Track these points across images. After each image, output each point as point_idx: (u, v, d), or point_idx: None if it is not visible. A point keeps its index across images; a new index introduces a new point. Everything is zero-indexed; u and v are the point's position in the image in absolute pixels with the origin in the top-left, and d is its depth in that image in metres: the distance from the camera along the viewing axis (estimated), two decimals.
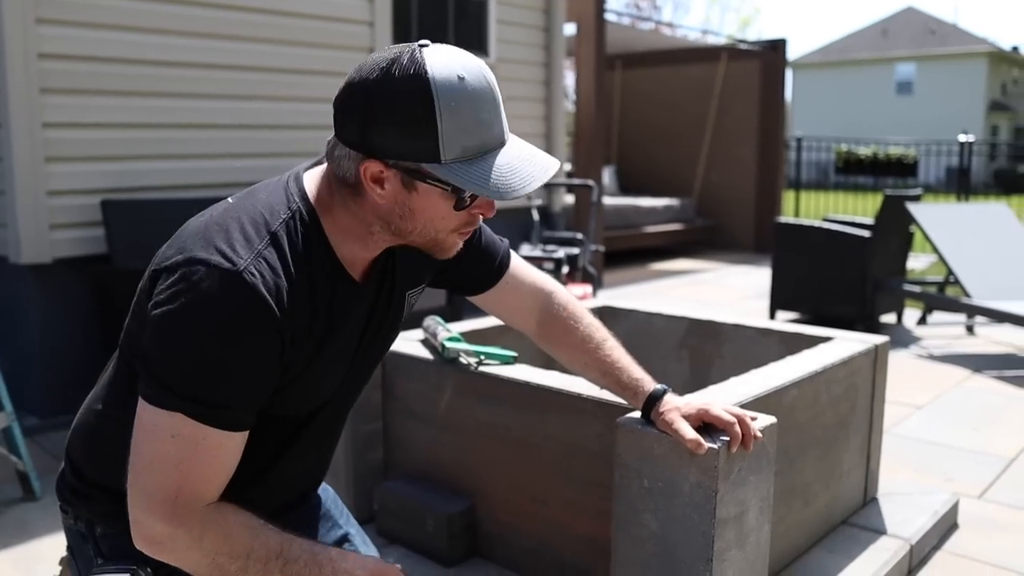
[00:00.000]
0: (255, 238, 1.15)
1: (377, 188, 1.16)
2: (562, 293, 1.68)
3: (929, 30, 38.34)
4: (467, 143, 1.13)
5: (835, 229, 5.93)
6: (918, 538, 2.56)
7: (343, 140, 1.16)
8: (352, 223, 1.22)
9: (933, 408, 4.21)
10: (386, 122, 1.11)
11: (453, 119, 1.11)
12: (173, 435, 1.11)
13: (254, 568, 1.15)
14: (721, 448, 1.64)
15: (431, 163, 1.12)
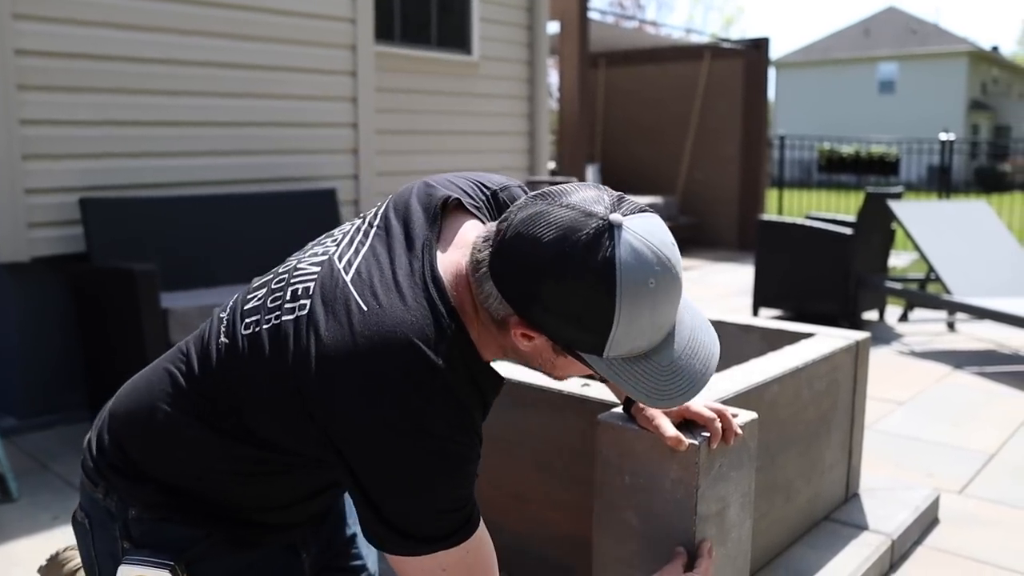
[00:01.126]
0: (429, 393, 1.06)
1: (524, 341, 1.09)
2: None
3: (911, 30, 38.61)
4: (636, 345, 1.04)
5: (818, 227, 5.95)
6: (899, 533, 2.56)
7: (498, 286, 1.06)
8: (488, 342, 1.15)
9: (914, 404, 4.23)
10: (555, 308, 1.02)
11: (629, 328, 1.02)
12: (444, 568, 1.12)
13: None
14: (701, 444, 1.64)
15: (591, 355, 1.05)
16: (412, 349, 1.06)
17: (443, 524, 1.11)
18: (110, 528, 1.27)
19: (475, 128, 6.66)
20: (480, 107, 6.68)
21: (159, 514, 1.23)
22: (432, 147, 6.31)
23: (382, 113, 5.79)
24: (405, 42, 6.10)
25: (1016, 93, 44.30)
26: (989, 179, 26.35)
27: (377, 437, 1.06)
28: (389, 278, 1.13)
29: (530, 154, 7.19)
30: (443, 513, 1.11)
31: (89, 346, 3.92)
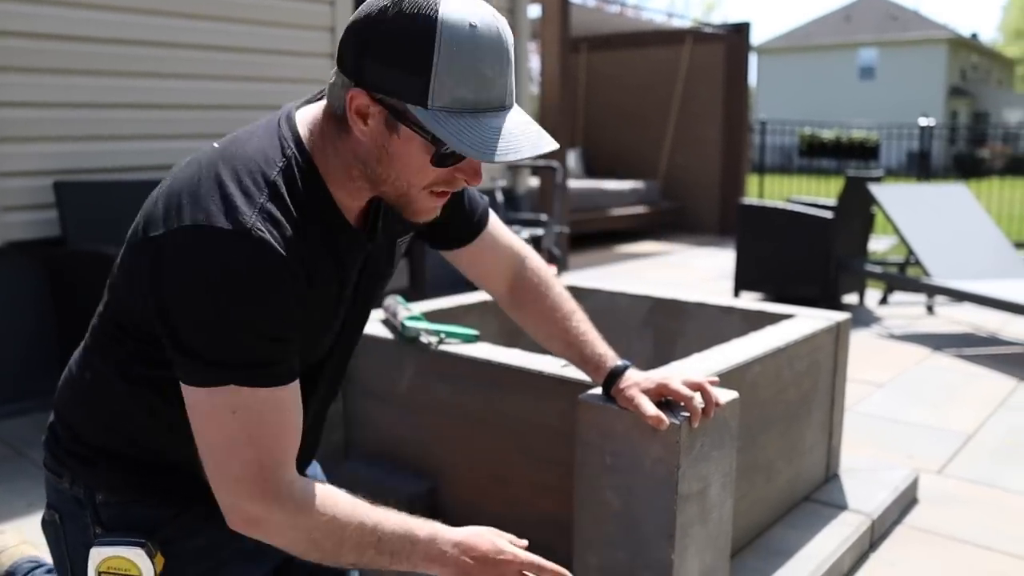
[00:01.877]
0: (255, 192, 1.08)
1: (360, 123, 1.09)
2: (536, 259, 1.66)
3: (891, 16, 38.75)
4: (461, 94, 1.04)
5: (798, 210, 5.96)
6: (879, 513, 2.57)
7: (339, 65, 1.10)
8: (337, 168, 1.15)
9: (894, 386, 4.26)
10: (382, 51, 1.04)
11: (451, 63, 1.02)
12: (234, 411, 1.08)
13: (348, 544, 1.14)
14: (683, 423, 1.63)
15: (416, 105, 1.04)
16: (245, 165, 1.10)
17: (237, 352, 1.06)
18: (81, 517, 1.26)
19: None
20: None
21: (125, 496, 1.23)
22: None
23: None
24: None
25: (995, 80, 44.61)
26: (967, 165, 26.53)
27: (186, 251, 1.05)
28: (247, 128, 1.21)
29: None
30: (238, 341, 1.06)
31: (64, 331, 3.87)
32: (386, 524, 1.16)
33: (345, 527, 1.13)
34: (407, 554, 1.17)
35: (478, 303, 2.88)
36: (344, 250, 1.20)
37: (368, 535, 1.15)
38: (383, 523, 1.16)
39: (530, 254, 1.65)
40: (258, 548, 1.33)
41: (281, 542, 1.14)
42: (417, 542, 1.17)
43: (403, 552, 1.17)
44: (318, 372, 1.30)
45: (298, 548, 1.14)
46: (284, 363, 1.11)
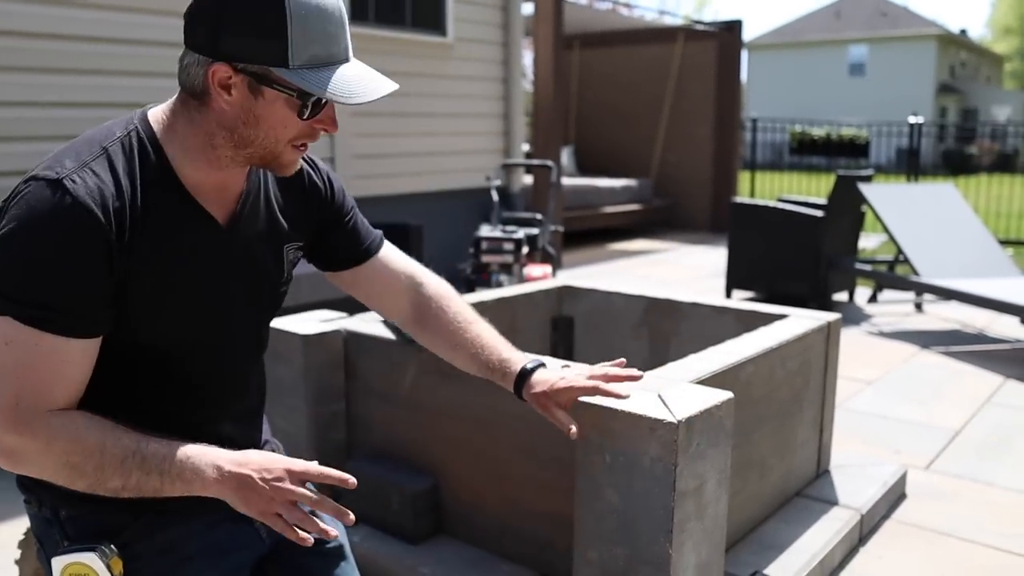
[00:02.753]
0: (85, 153, 1.17)
1: (224, 94, 1.17)
2: (434, 277, 1.65)
3: (881, 12, 38.85)
4: (315, 51, 1.16)
5: (789, 209, 6.03)
6: (868, 508, 2.64)
7: (192, 47, 1.18)
8: (196, 138, 1.22)
9: (883, 383, 4.33)
10: (238, 24, 1.14)
11: (303, 27, 1.14)
12: (7, 342, 1.12)
13: (111, 465, 1.15)
14: (680, 424, 1.68)
15: (279, 67, 1.15)
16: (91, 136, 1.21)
17: (22, 287, 1.11)
18: (52, 535, 1.30)
19: (449, 110, 6.66)
20: (454, 89, 6.68)
21: (85, 508, 1.25)
22: (407, 129, 6.31)
23: None
24: (379, 23, 6.08)
25: (984, 76, 44.81)
26: (956, 161, 26.66)
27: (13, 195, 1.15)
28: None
29: (505, 136, 7.21)
30: (25, 277, 1.11)
31: None
32: (149, 444, 1.17)
33: (104, 448, 1.14)
34: (176, 472, 1.16)
35: (475, 303, 2.93)
36: (183, 223, 1.24)
37: (130, 456, 1.15)
38: (146, 442, 1.17)
39: (428, 273, 1.65)
40: (228, 543, 1.36)
41: (41, 472, 1.16)
42: (186, 458, 1.17)
43: (171, 470, 1.16)
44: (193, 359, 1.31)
45: (60, 476, 1.15)
46: (69, 315, 1.14)
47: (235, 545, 1.36)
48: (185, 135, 1.23)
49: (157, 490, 1.17)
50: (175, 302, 1.25)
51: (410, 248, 4.70)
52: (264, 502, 1.16)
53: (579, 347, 3.29)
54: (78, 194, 1.12)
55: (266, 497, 1.16)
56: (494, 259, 4.65)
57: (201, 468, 1.17)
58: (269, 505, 1.16)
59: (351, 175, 5.69)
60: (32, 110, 4.03)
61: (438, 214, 6.57)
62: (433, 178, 6.57)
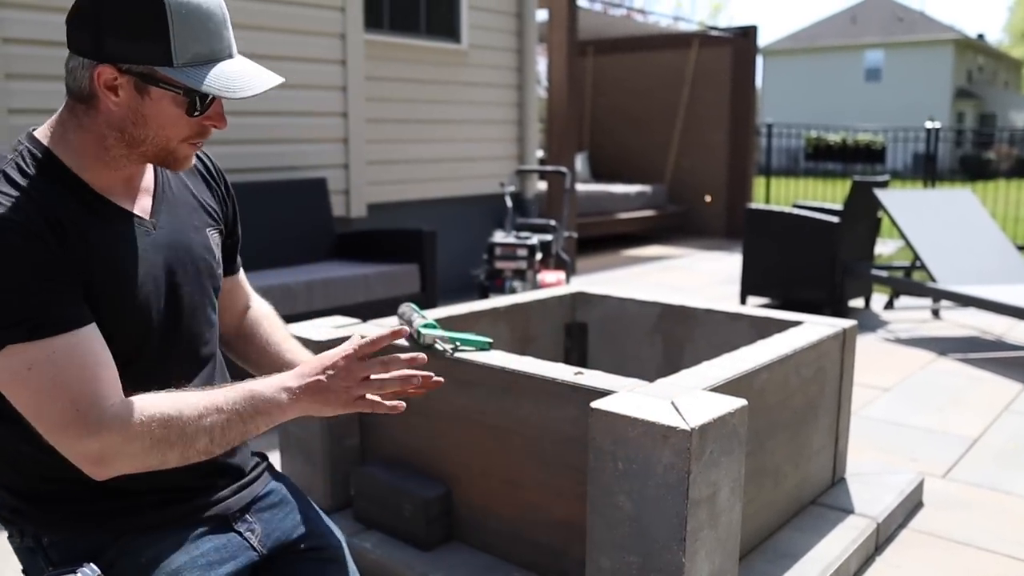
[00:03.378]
0: None
1: (111, 96, 1.20)
2: (262, 301, 1.72)
3: (897, 17, 38.71)
4: (198, 49, 1.19)
5: (804, 215, 6.00)
6: (884, 516, 2.61)
7: (76, 51, 1.20)
8: (87, 142, 1.24)
9: (899, 390, 4.29)
10: (120, 26, 1.16)
11: (184, 25, 1.17)
12: (29, 367, 1.13)
13: (191, 426, 1.17)
14: (694, 430, 1.67)
15: (163, 66, 1.18)
16: None
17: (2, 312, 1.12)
18: (37, 563, 1.31)
19: (464, 117, 6.67)
20: (469, 95, 6.69)
21: (65, 532, 1.27)
22: (421, 136, 6.32)
23: (372, 102, 5.80)
24: (394, 30, 6.10)
25: (1001, 81, 44.54)
26: (974, 167, 26.50)
27: None
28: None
29: (519, 142, 7.22)
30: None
31: None
32: (216, 394, 1.21)
33: (180, 412, 1.17)
34: (254, 409, 1.21)
35: (489, 310, 2.93)
36: (95, 218, 1.25)
37: (213, 412, 1.19)
38: (212, 395, 1.21)
39: (257, 299, 1.71)
40: (215, 554, 1.34)
41: (133, 461, 1.17)
42: (257, 394, 1.22)
43: (248, 410, 1.21)
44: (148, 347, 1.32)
45: (152, 457, 1.17)
46: (53, 312, 1.15)
47: (224, 555, 1.35)
48: (76, 141, 1.25)
49: (243, 433, 1.22)
50: (116, 296, 1.26)
51: (423, 254, 4.72)
52: (344, 394, 1.25)
53: (593, 353, 3.28)
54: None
55: (342, 389, 1.25)
56: (508, 265, 4.65)
57: (274, 396, 1.23)
58: (348, 394, 1.25)
59: (365, 181, 5.71)
60: None
61: (452, 220, 6.58)
62: (447, 184, 6.58)
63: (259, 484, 1.50)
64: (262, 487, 1.50)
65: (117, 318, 1.26)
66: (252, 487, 1.47)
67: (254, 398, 1.22)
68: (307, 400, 1.24)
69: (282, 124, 5.11)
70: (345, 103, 5.51)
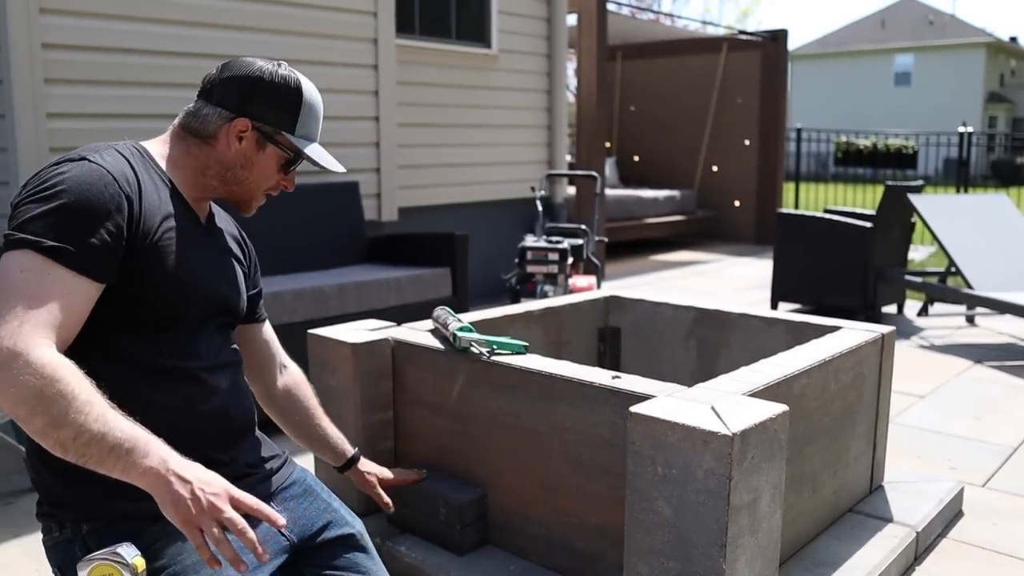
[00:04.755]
0: (97, 147, 1.44)
1: (236, 142, 1.54)
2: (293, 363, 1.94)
3: (927, 21, 38.32)
4: (309, 129, 1.62)
5: (837, 220, 5.95)
6: (924, 525, 2.58)
7: (217, 103, 1.54)
8: (189, 163, 1.55)
9: (935, 398, 4.24)
10: (265, 96, 1.55)
11: (308, 111, 1.60)
12: (22, 270, 1.28)
13: (75, 412, 1.20)
14: (735, 436, 1.66)
15: (288, 132, 1.57)
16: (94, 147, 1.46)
17: (41, 224, 1.30)
18: (74, 553, 1.36)
19: (494, 121, 6.67)
20: (499, 100, 6.70)
21: (103, 518, 1.32)
22: (451, 140, 6.34)
23: (403, 106, 5.82)
24: (425, 35, 6.12)
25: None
26: (1007, 172, 26.14)
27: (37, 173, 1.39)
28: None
29: (548, 147, 7.21)
30: (46, 216, 1.31)
31: None
32: (116, 413, 1.23)
33: (77, 394, 1.21)
34: (127, 447, 1.20)
35: (522, 314, 2.93)
36: (174, 209, 1.50)
37: (97, 413, 1.21)
38: (112, 413, 1.23)
39: (289, 360, 1.93)
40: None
41: (16, 390, 1.20)
42: (139, 438, 1.22)
43: (123, 443, 1.20)
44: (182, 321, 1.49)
45: (28, 402, 1.20)
46: (82, 254, 1.31)
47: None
48: (179, 158, 1.55)
49: (100, 458, 1.20)
50: (172, 271, 1.45)
51: (455, 258, 4.72)
52: (192, 511, 1.19)
53: (626, 358, 3.26)
54: (102, 164, 1.39)
55: (196, 507, 1.19)
56: (539, 269, 4.64)
57: (149, 454, 1.21)
58: (196, 516, 1.19)
59: (396, 186, 5.72)
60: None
61: (483, 224, 6.58)
62: (478, 189, 6.59)
63: (283, 473, 1.65)
64: (286, 477, 1.65)
65: (168, 283, 1.45)
66: (277, 476, 1.63)
67: (135, 439, 1.21)
68: (164, 485, 1.20)
69: None
70: (377, 107, 5.53)
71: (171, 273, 1.45)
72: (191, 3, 4.47)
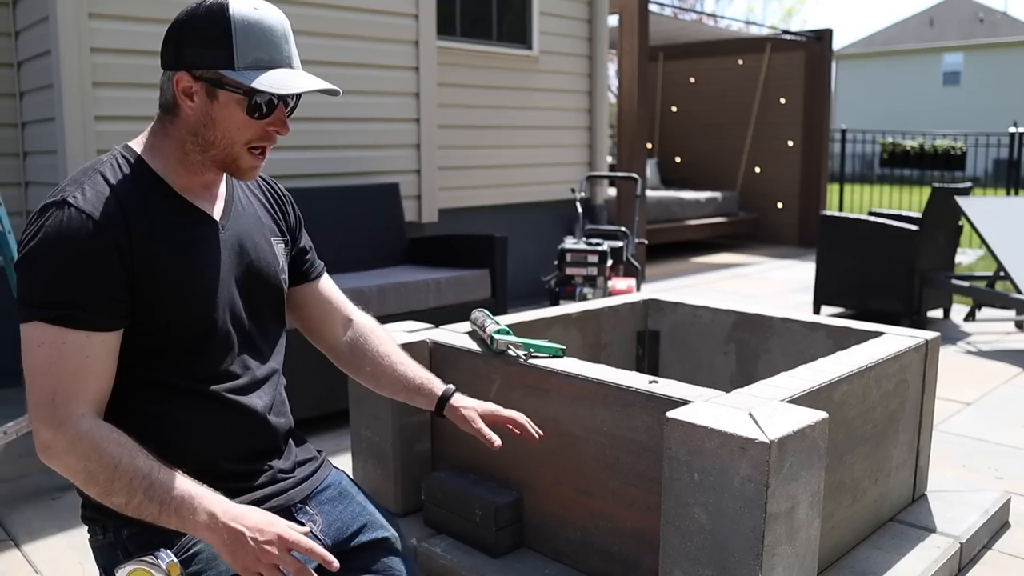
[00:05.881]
0: (80, 177, 1.35)
1: (188, 101, 1.37)
2: (361, 312, 1.81)
3: (978, 19, 37.55)
4: (258, 55, 1.36)
5: (882, 222, 5.85)
6: (968, 536, 2.52)
7: (163, 65, 1.40)
8: (171, 148, 1.42)
9: (982, 405, 4.15)
10: (194, 38, 1.35)
11: (245, 36, 1.34)
12: (39, 344, 1.28)
13: (120, 481, 1.25)
14: (773, 443, 1.64)
15: (226, 69, 1.34)
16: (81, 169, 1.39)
17: (42, 292, 1.28)
18: (115, 558, 1.38)
19: (535, 123, 6.67)
20: (540, 101, 6.69)
21: (142, 523, 1.32)
22: (492, 142, 6.35)
23: (444, 108, 5.84)
24: (466, 37, 6.13)
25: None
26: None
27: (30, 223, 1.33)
28: None
29: (589, 148, 7.19)
30: (44, 284, 1.28)
31: None
32: (160, 472, 1.26)
33: (118, 464, 1.25)
34: (175, 506, 1.24)
35: (561, 316, 2.92)
36: (177, 216, 1.41)
37: (141, 478, 1.25)
38: (157, 470, 1.26)
39: (357, 310, 1.80)
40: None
41: (64, 469, 1.27)
42: (187, 496, 1.25)
43: (171, 504, 1.24)
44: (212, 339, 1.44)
45: (79, 478, 1.27)
46: (88, 312, 1.29)
47: None
48: (163, 148, 1.42)
49: (155, 517, 1.26)
50: (186, 289, 1.39)
51: (495, 260, 4.73)
52: (250, 560, 1.23)
53: (665, 361, 3.24)
54: (81, 206, 1.30)
55: (252, 556, 1.23)
56: (578, 271, 4.63)
57: (196, 510, 1.25)
58: (254, 564, 1.23)
59: (436, 187, 5.75)
60: None
61: (522, 226, 6.59)
62: (518, 190, 6.59)
63: (318, 477, 1.61)
64: (321, 480, 1.61)
65: (184, 304, 1.39)
66: (312, 479, 1.59)
67: (182, 498, 1.25)
68: (219, 538, 1.24)
69: (357, 130, 5.18)
70: (418, 109, 5.56)
71: (185, 292, 1.39)
72: None
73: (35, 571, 2.54)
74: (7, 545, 2.70)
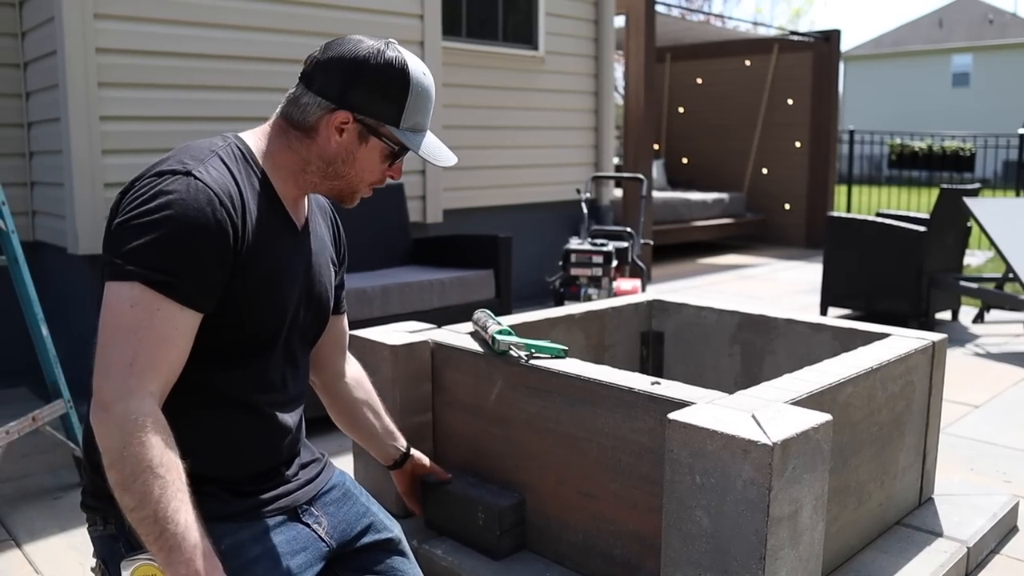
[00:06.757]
0: (200, 155, 1.36)
1: (336, 135, 1.43)
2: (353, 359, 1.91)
3: (987, 20, 37.40)
4: (418, 120, 1.47)
5: (889, 223, 5.82)
6: (976, 540, 2.50)
7: (318, 92, 1.42)
8: (289, 160, 1.46)
9: (990, 408, 4.12)
10: (368, 85, 1.41)
11: (416, 100, 1.44)
12: (132, 304, 1.24)
13: (144, 485, 1.19)
14: (776, 445, 1.62)
15: (392, 126, 1.44)
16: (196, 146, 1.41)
17: (150, 253, 1.25)
18: (117, 551, 1.36)
19: (540, 123, 6.66)
20: (546, 102, 6.68)
21: None
22: (498, 142, 6.33)
23: (449, 108, 5.83)
24: (472, 37, 6.12)
25: None
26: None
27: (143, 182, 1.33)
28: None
29: (595, 149, 7.17)
30: (154, 244, 1.25)
31: None
32: (176, 503, 1.20)
33: (153, 468, 1.19)
34: (168, 535, 1.18)
35: (564, 317, 2.90)
36: (273, 219, 1.44)
37: (156, 497, 1.18)
38: (176, 498, 1.20)
39: (353, 359, 1.90)
40: (288, 545, 1.44)
41: (102, 438, 1.21)
42: (181, 531, 1.19)
43: (165, 531, 1.18)
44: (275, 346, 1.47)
45: (110, 455, 1.20)
46: (190, 286, 1.28)
47: (295, 547, 1.46)
48: (280, 157, 1.46)
49: (145, 538, 1.21)
50: (268, 294, 1.41)
51: (499, 260, 4.71)
52: None
53: (669, 363, 3.22)
54: (207, 181, 1.31)
55: None
56: (583, 272, 4.61)
57: (185, 560, 1.19)
58: None
59: (441, 188, 5.73)
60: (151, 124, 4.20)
61: (527, 226, 6.57)
62: (523, 191, 6.57)
63: (323, 478, 1.62)
64: (325, 482, 1.63)
65: (262, 307, 1.41)
66: (316, 481, 1.60)
67: (175, 532, 1.19)
68: None
69: None
70: None
71: (266, 297, 1.41)
72: (240, 7, 4.52)
73: (36, 571, 2.53)
74: (8, 545, 2.69)
